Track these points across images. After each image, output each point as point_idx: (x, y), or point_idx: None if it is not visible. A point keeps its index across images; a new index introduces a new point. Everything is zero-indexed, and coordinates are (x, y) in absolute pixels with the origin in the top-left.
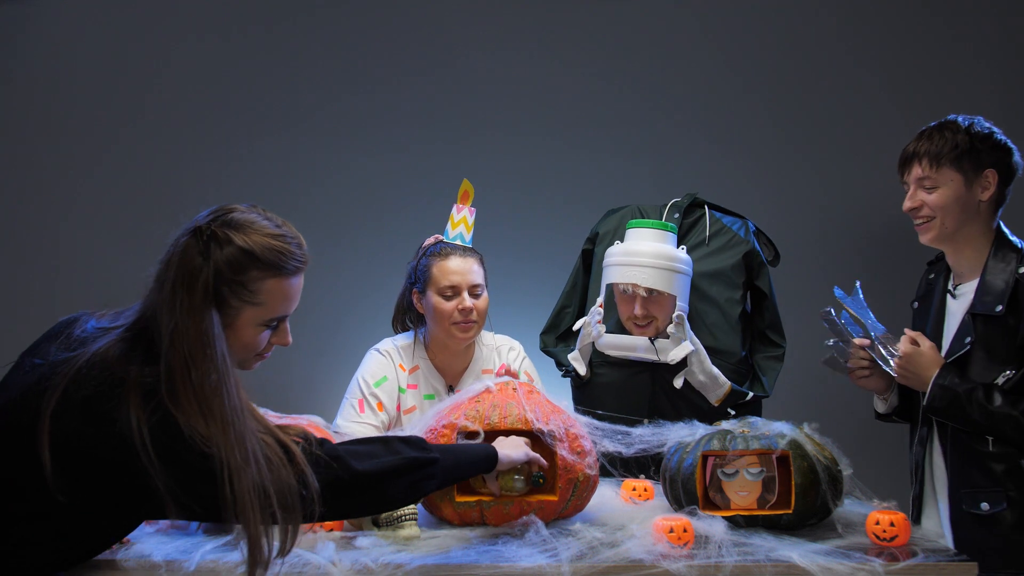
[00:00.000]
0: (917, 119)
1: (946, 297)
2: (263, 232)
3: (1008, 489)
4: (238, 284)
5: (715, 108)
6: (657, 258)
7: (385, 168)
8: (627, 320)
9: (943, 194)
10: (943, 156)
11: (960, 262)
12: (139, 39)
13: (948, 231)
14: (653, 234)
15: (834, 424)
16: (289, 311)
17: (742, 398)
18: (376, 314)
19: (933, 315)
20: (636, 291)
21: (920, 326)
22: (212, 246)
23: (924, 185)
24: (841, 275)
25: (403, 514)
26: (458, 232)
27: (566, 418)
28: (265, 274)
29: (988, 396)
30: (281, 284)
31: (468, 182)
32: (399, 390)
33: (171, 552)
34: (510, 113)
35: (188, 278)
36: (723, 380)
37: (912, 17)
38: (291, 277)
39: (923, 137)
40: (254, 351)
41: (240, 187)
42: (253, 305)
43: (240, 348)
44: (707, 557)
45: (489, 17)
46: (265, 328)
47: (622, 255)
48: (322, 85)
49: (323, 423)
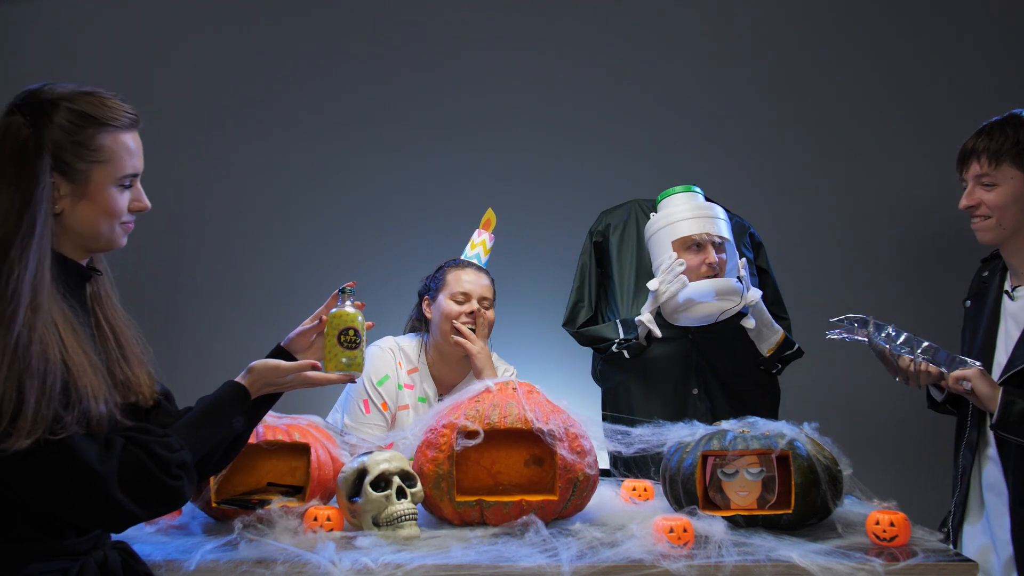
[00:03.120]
0: (918, 119)
1: (1002, 297)
2: (82, 92)
3: None
4: (78, 145)
5: (717, 108)
6: (718, 211)
7: (385, 168)
8: (699, 270)
9: (1002, 192)
10: (1003, 153)
11: (1020, 263)
12: (139, 39)
13: (1005, 231)
14: (699, 195)
15: (834, 424)
16: (138, 168)
17: (790, 348)
18: (375, 314)
19: (987, 315)
20: (712, 239)
21: (974, 326)
22: (41, 117)
23: (983, 182)
24: (842, 275)
25: (403, 514)
26: (475, 253)
27: (566, 418)
28: (100, 129)
29: None
30: (119, 138)
31: (492, 212)
32: (398, 387)
33: (171, 552)
34: (511, 112)
35: (20, 155)
36: (777, 327)
37: (916, 16)
38: (127, 131)
39: (983, 133)
40: (117, 217)
41: (240, 187)
42: (100, 163)
43: (104, 216)
44: (707, 557)
45: (490, 17)
46: (121, 189)
47: (690, 210)
48: (322, 85)
49: (323, 423)
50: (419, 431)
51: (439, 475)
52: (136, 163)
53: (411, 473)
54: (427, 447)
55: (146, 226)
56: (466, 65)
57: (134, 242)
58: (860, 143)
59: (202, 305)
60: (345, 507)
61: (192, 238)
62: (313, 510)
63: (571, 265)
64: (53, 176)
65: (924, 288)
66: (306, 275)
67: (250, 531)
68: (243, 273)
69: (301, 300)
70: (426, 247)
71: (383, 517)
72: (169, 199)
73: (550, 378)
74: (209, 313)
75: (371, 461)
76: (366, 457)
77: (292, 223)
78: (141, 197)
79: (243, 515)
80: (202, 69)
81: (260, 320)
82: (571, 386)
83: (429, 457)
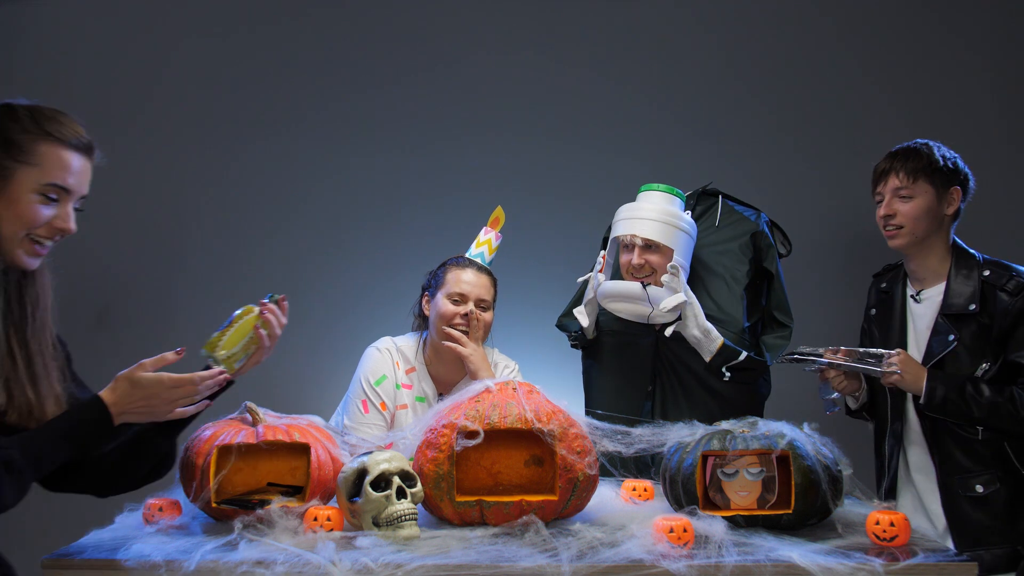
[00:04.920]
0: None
1: (907, 302)
2: (47, 107)
3: (998, 471)
4: (12, 144)
5: (719, 108)
6: (657, 213)
7: (385, 168)
8: (626, 271)
9: (917, 204)
10: (919, 171)
11: (923, 269)
12: (139, 39)
13: (917, 239)
14: (659, 196)
15: (834, 424)
16: (68, 183)
17: (735, 357)
18: (376, 313)
19: (896, 319)
20: (634, 241)
21: (883, 330)
22: (3, 116)
23: (900, 195)
24: (844, 274)
25: (403, 514)
26: (480, 252)
27: (566, 418)
28: (38, 136)
29: (977, 389)
30: (59, 152)
31: (501, 209)
32: (395, 387)
33: (171, 552)
34: (512, 113)
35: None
36: (716, 335)
37: (915, 17)
38: (71, 150)
39: (898, 155)
40: (30, 225)
41: (240, 187)
42: (26, 165)
43: (15, 218)
44: (707, 557)
45: (491, 17)
46: (43, 200)
47: (627, 211)
48: (323, 85)
49: (323, 423)
50: (419, 431)
51: (439, 475)
52: (68, 179)
53: (411, 473)
54: (427, 447)
55: (146, 225)
56: (467, 67)
57: (134, 241)
58: (861, 143)
59: (202, 305)
60: (345, 507)
61: (193, 238)
62: (313, 510)
63: (574, 265)
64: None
65: None
66: (306, 277)
67: (250, 531)
68: (244, 273)
69: (302, 300)
70: (430, 249)
71: (383, 517)
72: (170, 198)
73: (552, 379)
74: (208, 314)
75: (371, 461)
76: (366, 457)
77: (293, 224)
78: (67, 218)
79: (243, 515)
80: (203, 69)
81: None
82: (576, 387)
83: (429, 457)
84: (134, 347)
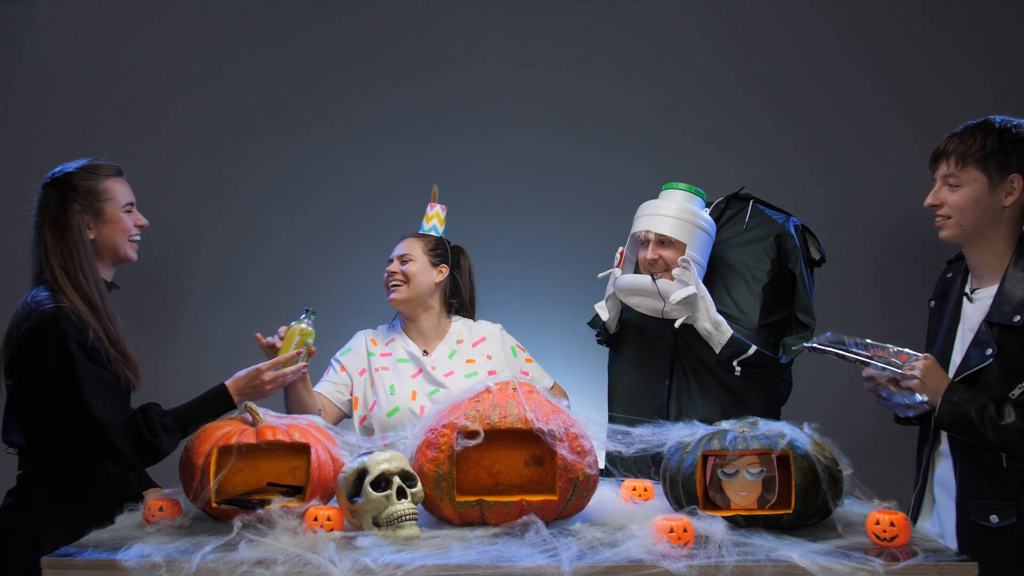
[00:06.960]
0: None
1: (962, 299)
2: (82, 165)
3: (1020, 503)
4: (90, 194)
5: (721, 109)
6: (674, 210)
7: (385, 169)
8: (643, 266)
9: (964, 194)
10: (969, 156)
11: (980, 265)
12: (140, 39)
13: (965, 232)
14: (679, 194)
15: (834, 424)
16: (131, 198)
17: (744, 350)
18: (375, 314)
19: (948, 316)
20: (648, 237)
21: (936, 326)
22: (65, 188)
23: (949, 183)
24: (847, 274)
25: (403, 514)
26: (432, 225)
27: (566, 418)
28: (98, 180)
29: (999, 411)
30: (110, 182)
31: (435, 187)
32: (368, 355)
33: (171, 552)
34: (513, 115)
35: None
36: (726, 328)
37: (913, 17)
38: (114, 178)
39: (955, 135)
40: (128, 232)
41: (241, 187)
42: (109, 200)
43: (120, 232)
44: (707, 557)
45: (492, 20)
46: (126, 212)
47: (646, 208)
48: (323, 86)
49: (323, 423)
50: (419, 431)
51: (439, 475)
52: (129, 195)
53: (411, 473)
54: (427, 447)
55: (147, 227)
56: (468, 69)
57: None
58: (861, 144)
59: (202, 306)
60: (345, 507)
61: (192, 239)
62: (313, 510)
63: (575, 265)
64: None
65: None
66: (307, 278)
67: (250, 531)
68: (243, 274)
69: (302, 300)
70: None
71: (383, 517)
72: (170, 198)
73: (555, 379)
74: (210, 315)
75: (371, 461)
76: (366, 457)
77: (293, 225)
78: (140, 218)
79: (243, 515)
80: (203, 69)
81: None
82: (579, 387)
83: (429, 457)
84: (134, 347)
